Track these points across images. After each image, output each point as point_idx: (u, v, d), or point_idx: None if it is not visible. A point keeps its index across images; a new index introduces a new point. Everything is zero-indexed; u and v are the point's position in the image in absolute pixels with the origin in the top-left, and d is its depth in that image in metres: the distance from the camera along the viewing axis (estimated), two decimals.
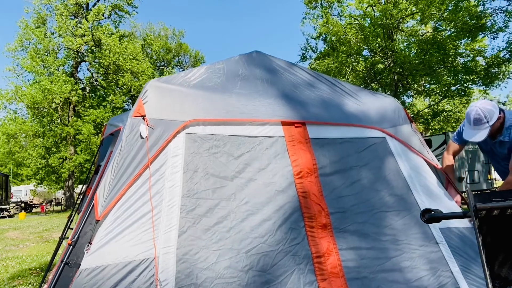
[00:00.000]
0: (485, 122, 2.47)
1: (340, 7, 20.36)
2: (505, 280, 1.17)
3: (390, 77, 18.58)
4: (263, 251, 2.20)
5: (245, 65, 3.11)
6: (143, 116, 2.30)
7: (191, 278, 2.01)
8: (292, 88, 2.97)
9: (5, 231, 11.72)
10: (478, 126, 2.50)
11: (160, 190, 2.19)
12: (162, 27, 35.06)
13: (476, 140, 2.56)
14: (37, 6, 22.29)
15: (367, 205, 2.54)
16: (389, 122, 2.96)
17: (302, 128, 2.65)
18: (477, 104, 2.52)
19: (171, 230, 2.10)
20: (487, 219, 1.18)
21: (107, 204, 2.04)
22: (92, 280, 1.88)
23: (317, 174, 2.52)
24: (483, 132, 2.49)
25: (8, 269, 5.51)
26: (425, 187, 2.76)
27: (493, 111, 2.48)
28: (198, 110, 2.46)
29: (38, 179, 24.06)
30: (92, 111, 22.49)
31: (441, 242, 2.51)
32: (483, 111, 2.47)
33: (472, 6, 15.50)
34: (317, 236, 2.32)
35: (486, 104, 2.50)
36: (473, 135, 2.54)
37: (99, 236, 1.99)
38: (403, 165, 2.79)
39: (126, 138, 2.25)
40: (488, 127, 2.47)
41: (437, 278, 2.35)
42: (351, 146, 2.74)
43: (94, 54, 22.73)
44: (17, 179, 38.07)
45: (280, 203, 2.37)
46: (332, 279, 2.21)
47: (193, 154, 2.35)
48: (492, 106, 2.50)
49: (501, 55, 15.83)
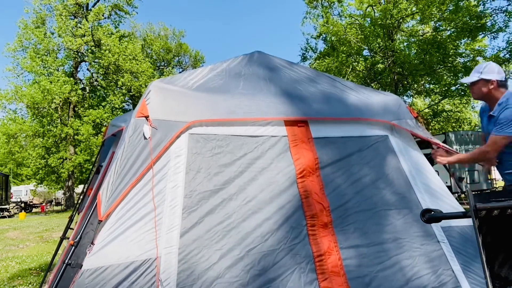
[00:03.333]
0: (480, 72, 2.52)
1: (341, 7, 20.37)
2: (505, 280, 1.18)
3: (390, 77, 18.58)
4: (264, 250, 2.21)
5: (247, 65, 3.12)
6: (146, 116, 2.31)
7: (193, 278, 2.02)
8: (294, 84, 2.98)
9: (5, 231, 11.72)
10: (473, 72, 2.58)
11: (163, 190, 2.20)
12: (162, 27, 35.05)
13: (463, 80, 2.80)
14: (37, 6, 22.29)
15: (369, 203, 2.55)
16: (392, 115, 2.96)
17: (305, 128, 2.66)
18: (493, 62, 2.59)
19: (173, 230, 2.10)
20: (487, 219, 1.18)
21: (110, 205, 2.04)
22: (94, 281, 1.88)
23: (319, 173, 2.53)
24: (471, 77, 2.57)
25: (8, 269, 5.51)
26: (426, 185, 2.77)
27: (493, 70, 2.49)
28: (201, 111, 2.46)
29: (38, 179, 24.05)
30: (91, 111, 22.47)
31: (443, 241, 2.52)
32: (488, 64, 2.52)
33: (472, 6, 15.50)
34: (318, 235, 2.33)
35: (496, 66, 2.53)
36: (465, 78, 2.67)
37: (101, 236, 1.99)
38: (405, 163, 2.80)
39: (129, 138, 2.25)
40: (478, 76, 2.52)
41: (438, 277, 2.36)
42: (353, 145, 2.75)
43: (94, 54, 22.71)
44: (17, 179, 38.04)
45: (282, 202, 2.38)
46: (333, 278, 2.21)
47: (195, 155, 2.36)
48: (497, 70, 2.50)
49: (501, 55, 15.81)
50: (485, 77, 2.48)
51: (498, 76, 2.48)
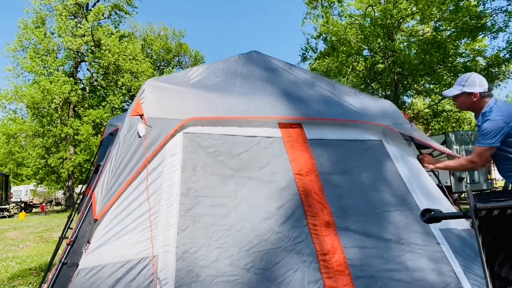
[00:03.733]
0: (462, 84, 2.50)
1: (340, 7, 20.35)
2: (505, 280, 1.17)
3: (390, 77, 18.57)
4: (265, 249, 2.19)
5: (244, 64, 3.11)
6: (141, 115, 2.30)
7: (191, 276, 2.00)
8: (292, 86, 2.97)
9: (5, 231, 11.71)
10: (456, 85, 2.56)
11: (158, 189, 2.18)
12: (162, 27, 35.06)
13: (445, 93, 2.64)
14: (37, 6, 22.30)
15: (369, 204, 2.53)
16: (390, 119, 2.96)
17: (299, 129, 2.65)
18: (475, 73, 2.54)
19: (170, 228, 2.09)
20: (487, 219, 1.17)
21: (105, 203, 2.03)
22: (91, 280, 1.87)
23: (317, 173, 2.52)
24: (453, 90, 2.54)
25: (8, 269, 5.51)
26: (423, 189, 2.76)
27: (475, 83, 2.45)
28: (196, 108, 2.45)
29: (38, 179, 24.06)
30: (91, 111, 22.48)
31: (442, 243, 2.51)
32: (469, 77, 2.49)
33: (472, 6, 15.49)
34: (320, 234, 2.31)
35: (479, 77, 2.50)
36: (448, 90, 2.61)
37: (97, 235, 1.98)
38: (401, 168, 2.80)
39: (124, 137, 2.24)
40: (460, 90, 2.49)
41: (442, 277, 2.35)
42: (348, 148, 2.75)
43: (94, 54, 22.72)
44: (17, 179, 38.06)
45: (281, 201, 2.36)
46: (338, 276, 2.19)
47: (191, 153, 2.35)
48: (479, 82, 2.46)
49: (501, 55, 15.81)
50: (467, 90, 2.47)
51: (480, 88, 2.46)
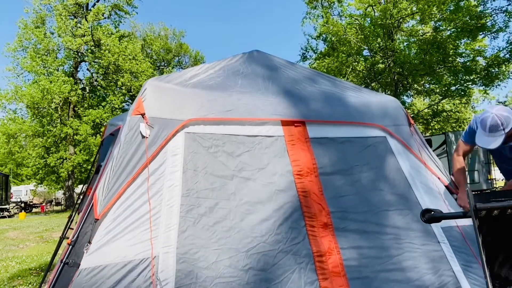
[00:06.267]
0: (501, 129, 2.34)
1: (340, 7, 20.36)
2: (505, 280, 1.17)
3: (390, 77, 18.57)
4: (263, 250, 2.19)
5: (246, 63, 3.10)
6: (142, 114, 2.29)
7: (191, 277, 2.01)
8: (293, 84, 2.96)
9: (5, 231, 11.71)
10: (494, 133, 2.38)
11: (160, 189, 2.18)
12: (162, 27, 35.08)
13: (491, 147, 2.40)
14: (37, 6, 22.30)
15: (368, 204, 2.53)
16: (390, 119, 2.95)
17: (302, 128, 2.65)
18: (493, 111, 2.39)
19: (170, 229, 2.09)
20: (487, 219, 1.18)
21: (106, 203, 2.03)
22: (92, 280, 1.87)
23: (317, 174, 2.52)
24: (498, 140, 2.36)
25: (8, 269, 5.51)
26: (425, 186, 2.76)
27: (509, 118, 2.34)
28: (197, 108, 2.45)
29: (38, 179, 24.07)
30: (91, 111, 22.48)
31: (443, 241, 2.51)
32: (500, 118, 2.34)
33: (472, 6, 15.49)
34: (318, 235, 2.31)
35: (503, 111, 2.37)
36: (488, 142, 2.41)
37: (98, 235, 1.98)
38: (404, 164, 2.79)
39: (125, 136, 2.24)
40: (503, 134, 2.34)
41: (439, 277, 2.35)
42: (351, 146, 2.73)
43: (94, 54, 22.72)
44: (17, 179, 38.03)
45: (280, 202, 2.37)
46: (333, 278, 2.20)
47: (192, 153, 2.35)
48: (508, 113, 2.36)
49: (501, 55, 15.81)
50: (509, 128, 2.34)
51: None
